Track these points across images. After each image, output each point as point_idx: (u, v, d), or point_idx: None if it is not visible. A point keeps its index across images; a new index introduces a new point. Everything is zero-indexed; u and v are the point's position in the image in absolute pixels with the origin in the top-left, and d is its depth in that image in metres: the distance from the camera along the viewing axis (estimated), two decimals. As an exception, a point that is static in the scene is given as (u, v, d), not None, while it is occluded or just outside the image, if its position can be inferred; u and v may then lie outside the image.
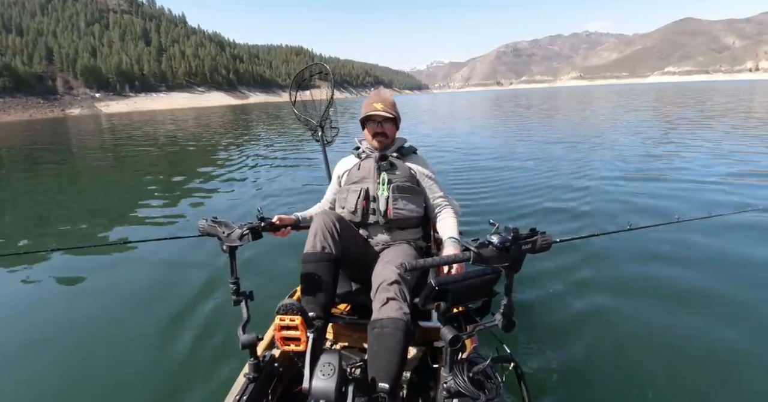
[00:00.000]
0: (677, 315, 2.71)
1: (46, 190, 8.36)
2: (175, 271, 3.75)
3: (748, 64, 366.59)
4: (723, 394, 2.06)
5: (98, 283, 3.60)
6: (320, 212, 1.78)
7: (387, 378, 1.36)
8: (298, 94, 3.10)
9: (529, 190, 6.16)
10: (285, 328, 1.36)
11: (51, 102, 79.59)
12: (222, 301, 3.09)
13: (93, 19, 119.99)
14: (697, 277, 3.18)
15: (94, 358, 2.53)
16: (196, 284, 3.41)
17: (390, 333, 1.43)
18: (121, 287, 3.52)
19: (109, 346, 2.65)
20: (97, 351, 2.61)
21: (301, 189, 7.08)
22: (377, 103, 1.95)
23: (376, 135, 1.97)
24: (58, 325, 2.94)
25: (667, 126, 13.56)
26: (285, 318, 1.35)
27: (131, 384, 2.28)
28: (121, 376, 2.34)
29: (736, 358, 2.28)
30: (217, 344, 2.54)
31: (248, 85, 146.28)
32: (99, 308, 3.16)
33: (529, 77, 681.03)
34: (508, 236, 1.05)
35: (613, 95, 47.80)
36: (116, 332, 2.81)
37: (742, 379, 2.14)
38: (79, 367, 2.46)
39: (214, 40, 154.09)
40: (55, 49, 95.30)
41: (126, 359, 2.50)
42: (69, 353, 2.60)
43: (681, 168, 7.01)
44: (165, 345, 2.58)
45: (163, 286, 3.50)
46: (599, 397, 2.06)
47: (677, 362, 2.27)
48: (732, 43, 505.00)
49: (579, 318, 2.71)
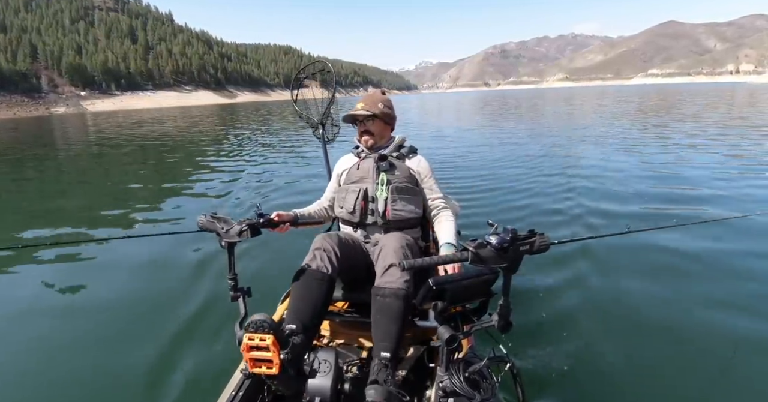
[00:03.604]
0: (675, 316, 2.75)
1: (35, 188, 8.30)
2: (172, 266, 3.77)
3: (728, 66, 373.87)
4: (722, 393, 2.08)
5: (94, 279, 3.59)
6: (321, 236, 1.76)
7: (388, 347, 1.43)
8: (299, 91, 3.09)
9: (528, 190, 6.18)
10: (254, 348, 1.23)
11: (36, 100, 78.25)
12: (220, 296, 3.07)
13: (78, 16, 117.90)
14: (694, 280, 3.22)
15: (89, 354, 2.53)
16: (193, 280, 3.44)
17: (390, 303, 1.50)
18: (117, 282, 3.51)
19: (104, 342, 2.65)
20: (92, 346, 2.61)
21: (300, 186, 7.11)
22: (359, 103, 2.02)
23: (363, 134, 2.04)
24: (53, 322, 2.93)
25: (665, 129, 13.47)
26: (254, 337, 1.22)
27: (127, 379, 2.28)
28: (117, 371, 2.34)
29: (734, 357, 2.32)
30: (214, 340, 2.55)
31: (236, 84, 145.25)
32: (94, 304, 3.16)
33: (517, 78, 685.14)
34: (506, 237, 1.05)
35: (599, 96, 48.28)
36: (112, 327, 2.82)
37: (742, 379, 2.17)
38: (75, 362, 2.46)
39: (202, 38, 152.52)
40: (40, 46, 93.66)
41: (121, 354, 2.50)
42: (64, 349, 2.60)
43: (681, 171, 7.02)
44: (161, 340, 2.59)
45: (160, 281, 3.52)
46: (595, 398, 2.09)
47: (674, 362, 2.30)
48: (713, 46, 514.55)
49: (576, 319, 2.73)
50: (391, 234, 1.79)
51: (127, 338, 2.70)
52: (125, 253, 4.14)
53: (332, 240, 1.72)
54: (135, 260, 3.96)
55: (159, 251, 4.08)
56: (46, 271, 3.85)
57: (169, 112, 51.33)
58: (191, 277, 3.52)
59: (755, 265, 3.46)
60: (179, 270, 3.70)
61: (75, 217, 5.83)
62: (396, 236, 1.73)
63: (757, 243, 3.87)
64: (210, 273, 3.58)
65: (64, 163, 11.76)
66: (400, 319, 1.49)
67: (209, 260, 3.83)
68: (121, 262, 3.96)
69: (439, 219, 1.97)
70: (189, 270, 3.68)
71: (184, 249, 4.09)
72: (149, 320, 2.90)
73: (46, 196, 7.43)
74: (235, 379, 1.49)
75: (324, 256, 1.65)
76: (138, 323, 2.87)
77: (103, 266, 3.92)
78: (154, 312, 3.01)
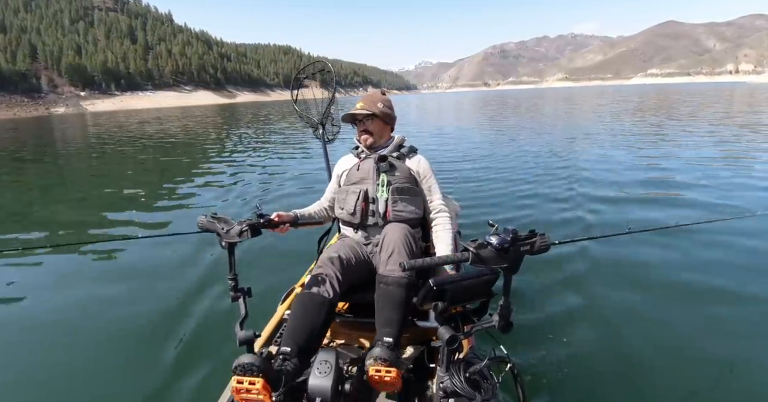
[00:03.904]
0: (674, 316, 2.76)
1: (36, 187, 8.31)
2: (173, 267, 3.77)
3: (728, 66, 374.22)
4: (721, 393, 2.09)
5: (94, 280, 3.61)
6: (323, 259, 1.74)
7: (390, 332, 1.49)
8: (299, 91, 3.08)
9: (529, 190, 6.19)
10: (243, 391, 1.20)
11: (36, 100, 78.13)
12: (220, 297, 3.10)
13: (78, 17, 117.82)
14: (695, 280, 3.23)
15: (90, 354, 2.55)
16: (194, 280, 3.46)
17: (392, 291, 1.57)
18: (117, 282, 3.51)
19: (105, 342, 2.66)
20: (93, 347, 2.62)
21: (300, 186, 7.14)
22: (359, 102, 2.02)
23: (361, 133, 2.04)
24: (54, 323, 2.93)
25: (666, 128, 13.48)
26: (243, 380, 1.19)
27: (128, 379, 2.30)
28: (118, 372, 2.36)
29: (734, 357, 2.33)
30: (215, 340, 2.56)
31: (236, 84, 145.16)
32: (95, 305, 3.16)
33: (516, 78, 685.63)
34: (507, 237, 1.05)
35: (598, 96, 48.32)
36: (113, 328, 2.82)
37: (741, 379, 2.18)
38: (77, 363, 2.47)
39: (202, 38, 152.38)
40: (39, 46, 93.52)
41: (123, 355, 2.52)
42: (65, 350, 2.60)
43: (681, 172, 7.02)
44: (162, 341, 2.60)
45: (161, 281, 3.52)
46: (595, 398, 2.10)
47: (674, 363, 2.31)
48: (713, 46, 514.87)
49: (576, 320, 2.74)
50: (393, 224, 1.80)
51: (127, 338, 2.70)
52: (125, 254, 4.14)
53: (335, 265, 1.70)
54: (134, 261, 3.95)
55: (159, 252, 4.09)
56: (41, 274, 3.84)
57: (170, 112, 51.39)
58: (192, 278, 3.53)
59: (757, 265, 3.46)
60: (180, 270, 3.70)
61: (74, 219, 5.80)
62: (398, 226, 1.76)
63: (759, 243, 3.87)
64: (210, 273, 3.58)
65: (64, 163, 11.75)
66: (402, 306, 1.55)
67: (209, 261, 3.83)
68: (120, 262, 3.96)
69: (437, 227, 1.96)
70: (189, 270, 3.68)
71: (184, 249, 4.09)
72: (148, 320, 2.90)
73: (46, 197, 7.40)
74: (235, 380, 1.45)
75: (326, 281, 1.64)
76: (137, 323, 2.87)
77: (102, 267, 3.92)
78: (153, 312, 3.00)
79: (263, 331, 1.83)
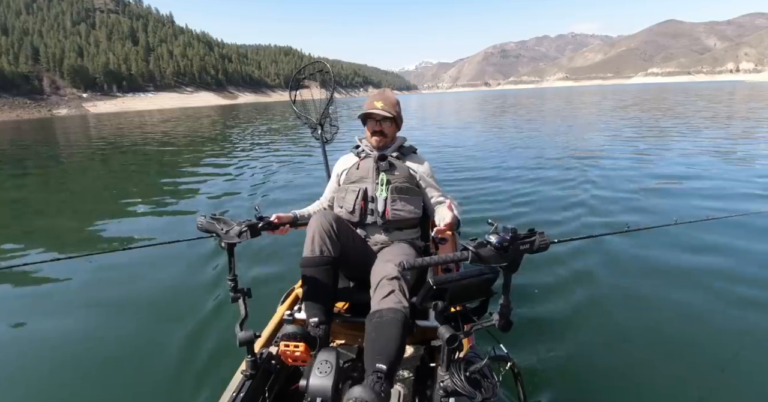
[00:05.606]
0: (674, 315, 2.75)
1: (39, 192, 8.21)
2: (172, 268, 3.78)
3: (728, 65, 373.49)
4: (724, 392, 2.09)
5: (94, 281, 3.61)
6: (317, 213, 1.78)
7: (385, 360, 1.32)
8: (298, 92, 3.10)
9: (528, 189, 6.19)
10: (290, 353, 1.42)
11: (38, 102, 78.32)
12: (220, 298, 3.10)
13: (79, 19, 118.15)
14: (695, 277, 3.24)
15: (90, 356, 2.56)
16: (193, 281, 3.46)
17: (389, 322, 1.43)
18: (117, 284, 3.52)
19: (105, 344, 2.67)
20: (93, 348, 2.63)
21: (299, 187, 7.12)
22: (378, 102, 1.97)
23: (375, 133, 2.00)
24: (55, 327, 2.91)
25: (666, 130, 13.28)
26: (290, 344, 1.42)
27: (128, 381, 2.30)
28: (118, 373, 2.37)
29: (734, 357, 2.32)
30: (215, 341, 2.56)
31: (237, 85, 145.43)
32: (94, 306, 3.17)
33: (517, 78, 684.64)
34: (506, 236, 1.05)
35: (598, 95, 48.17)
36: (112, 330, 2.83)
37: (741, 378, 2.17)
38: (77, 364, 2.48)
39: (203, 40, 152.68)
40: (41, 48, 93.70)
41: (122, 356, 2.52)
42: (66, 352, 2.61)
43: (681, 170, 7.02)
44: (162, 341, 2.61)
45: (160, 283, 3.52)
46: (595, 397, 2.10)
47: (676, 361, 2.30)
48: (713, 44, 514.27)
49: (576, 318, 2.74)
50: (392, 247, 1.81)
51: (126, 340, 2.72)
52: (124, 254, 4.01)
53: (326, 218, 1.71)
54: (133, 263, 3.95)
55: (158, 253, 4.05)
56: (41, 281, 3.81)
57: (171, 113, 51.40)
58: (191, 279, 3.53)
59: (757, 263, 3.46)
60: (179, 271, 3.71)
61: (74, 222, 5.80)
62: (396, 252, 1.74)
63: (759, 240, 3.88)
64: (209, 274, 3.59)
65: (63, 163, 11.76)
66: (397, 340, 1.40)
67: (209, 262, 3.83)
68: (120, 264, 3.96)
69: (439, 207, 1.93)
70: (189, 271, 3.68)
71: (183, 251, 4.08)
72: (148, 321, 2.92)
73: (49, 202, 7.33)
74: (236, 380, 1.49)
75: (324, 236, 1.67)
76: (136, 325, 2.89)
77: (102, 267, 3.90)
78: (152, 313, 3.02)
79: (263, 332, 1.83)
